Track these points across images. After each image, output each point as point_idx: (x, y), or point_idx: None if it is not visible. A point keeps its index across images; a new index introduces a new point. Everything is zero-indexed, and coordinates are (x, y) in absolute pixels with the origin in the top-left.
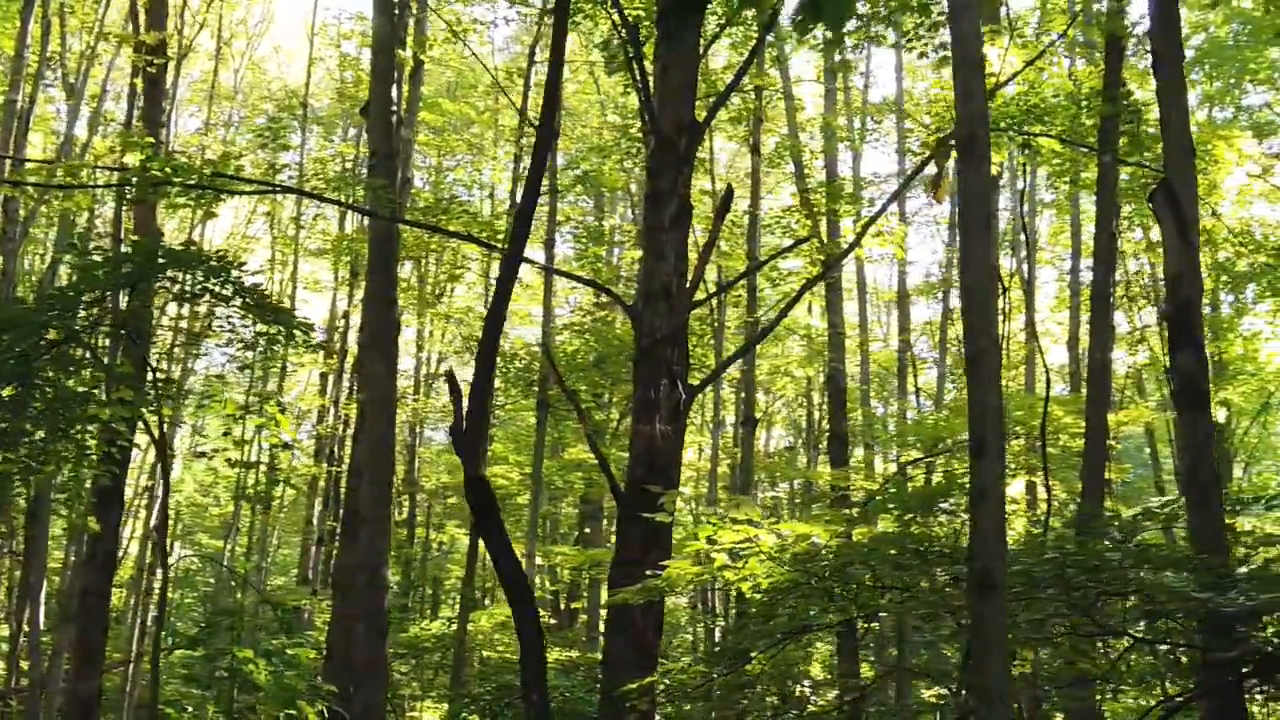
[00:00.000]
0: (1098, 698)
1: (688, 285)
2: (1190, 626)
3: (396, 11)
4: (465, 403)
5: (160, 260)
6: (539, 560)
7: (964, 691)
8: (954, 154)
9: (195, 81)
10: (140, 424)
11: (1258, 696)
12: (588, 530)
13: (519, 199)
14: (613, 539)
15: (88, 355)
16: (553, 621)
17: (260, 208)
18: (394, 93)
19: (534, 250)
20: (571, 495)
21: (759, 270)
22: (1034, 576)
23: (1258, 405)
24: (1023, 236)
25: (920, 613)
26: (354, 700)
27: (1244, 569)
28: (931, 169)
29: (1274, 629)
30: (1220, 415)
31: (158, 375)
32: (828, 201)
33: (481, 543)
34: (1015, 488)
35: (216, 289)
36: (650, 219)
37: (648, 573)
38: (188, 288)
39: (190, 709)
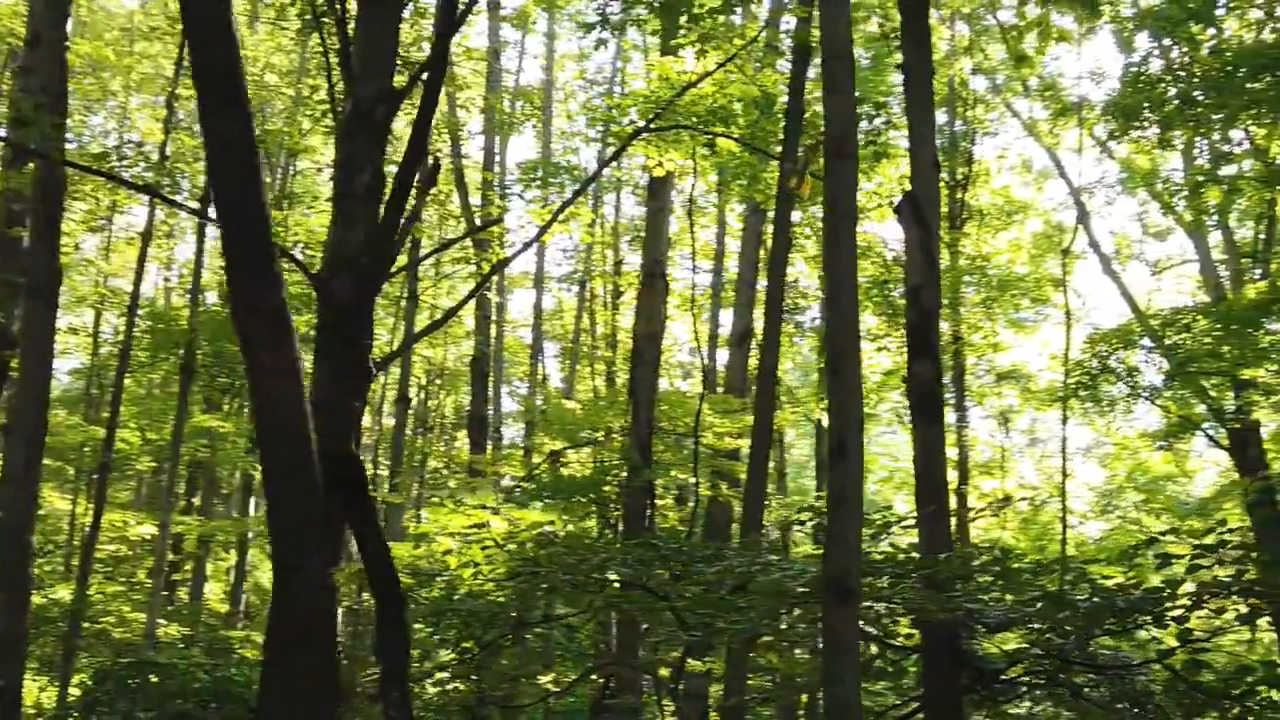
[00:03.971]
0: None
1: (381, 257)
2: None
3: None
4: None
5: None
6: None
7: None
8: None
9: None
10: None
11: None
12: (196, 500)
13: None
14: (224, 509)
15: None
16: (164, 594)
17: None
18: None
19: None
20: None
21: (437, 255)
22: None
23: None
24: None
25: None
26: None
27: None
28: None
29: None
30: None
31: None
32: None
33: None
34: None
35: None
36: (343, 186)
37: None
38: None
39: None
